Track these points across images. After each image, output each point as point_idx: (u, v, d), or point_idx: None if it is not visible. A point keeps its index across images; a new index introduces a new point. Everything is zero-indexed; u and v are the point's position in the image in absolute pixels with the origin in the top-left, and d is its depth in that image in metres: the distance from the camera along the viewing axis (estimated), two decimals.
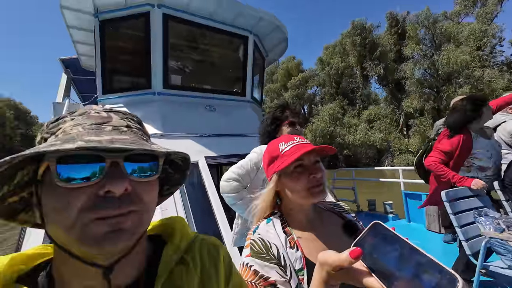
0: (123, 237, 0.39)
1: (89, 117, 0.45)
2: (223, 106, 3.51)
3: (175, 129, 2.80)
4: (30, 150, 0.36)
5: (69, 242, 0.39)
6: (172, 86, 3.19)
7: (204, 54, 3.71)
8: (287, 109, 1.69)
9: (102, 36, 3.14)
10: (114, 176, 0.39)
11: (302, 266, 0.73)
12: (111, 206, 0.39)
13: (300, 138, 0.88)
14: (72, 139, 0.38)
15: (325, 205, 0.95)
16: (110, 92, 3.19)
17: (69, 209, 0.37)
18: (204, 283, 0.50)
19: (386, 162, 25.27)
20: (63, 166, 0.38)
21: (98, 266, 0.41)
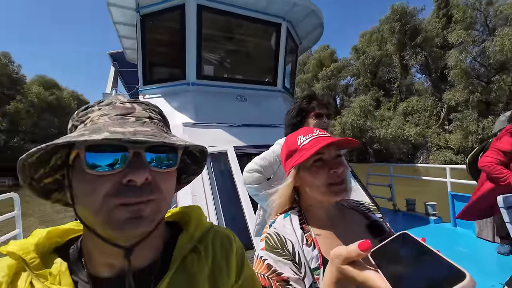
0: (142, 223, 0.42)
1: (115, 108, 0.47)
2: (254, 96, 3.42)
3: (207, 119, 2.80)
4: (62, 139, 0.39)
5: (95, 223, 0.43)
6: (205, 77, 3.18)
7: (236, 44, 3.63)
8: (314, 100, 1.55)
9: (143, 30, 3.23)
10: (136, 166, 0.42)
11: (318, 265, 0.68)
12: (133, 194, 0.41)
13: (320, 131, 0.80)
14: (99, 130, 0.41)
15: (349, 203, 0.87)
16: (150, 83, 3.29)
17: (96, 194, 0.40)
18: (214, 274, 0.51)
19: (421, 158, 23.02)
20: (91, 154, 0.40)
21: (120, 247, 0.44)
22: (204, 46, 3.17)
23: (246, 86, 3.43)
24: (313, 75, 35.85)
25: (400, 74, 27.16)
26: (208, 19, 3.12)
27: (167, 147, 0.46)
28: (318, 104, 1.53)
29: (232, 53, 3.69)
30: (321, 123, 1.49)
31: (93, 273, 0.46)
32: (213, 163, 2.30)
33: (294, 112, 1.56)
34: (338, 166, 0.73)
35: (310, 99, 1.56)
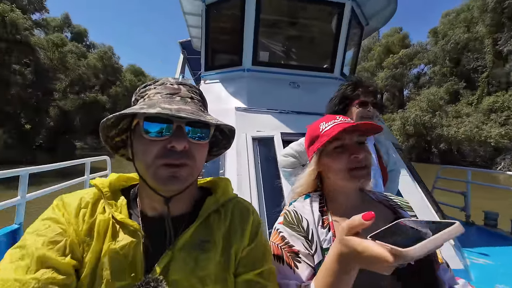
0: (177, 182, 0.53)
1: (166, 87, 0.58)
2: (308, 83, 3.19)
3: (258, 104, 2.75)
4: (128, 110, 0.52)
5: (146, 176, 0.55)
6: (260, 63, 3.10)
7: (294, 28, 3.41)
8: (359, 86, 1.39)
9: (207, 19, 3.30)
10: (177, 136, 0.52)
11: (330, 246, 0.68)
12: (174, 157, 0.52)
13: (344, 117, 0.78)
14: (154, 105, 0.51)
15: (377, 196, 0.83)
16: (210, 69, 3.41)
17: (148, 154, 0.52)
18: (230, 234, 0.60)
19: (501, 165, 18.36)
20: (147, 123, 0.52)
21: (162, 196, 0.56)
22: (262, 32, 3.07)
23: (300, 72, 3.21)
24: (378, 63, 30.92)
25: (492, 62, 21.41)
26: (267, 4, 2.99)
27: (202, 123, 0.55)
28: (364, 91, 1.37)
29: (288, 38, 3.50)
30: (365, 111, 1.34)
31: (143, 211, 0.59)
32: (259, 147, 2.27)
33: (337, 100, 1.43)
34: (359, 151, 0.71)
35: (355, 86, 1.40)
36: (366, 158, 0.72)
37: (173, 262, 0.53)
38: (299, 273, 0.66)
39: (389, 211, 0.78)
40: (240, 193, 1.91)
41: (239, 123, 2.44)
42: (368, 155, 0.73)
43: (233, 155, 2.16)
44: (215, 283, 0.54)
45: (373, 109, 1.36)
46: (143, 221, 0.58)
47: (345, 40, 3.21)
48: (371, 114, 1.36)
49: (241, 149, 2.20)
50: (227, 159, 2.16)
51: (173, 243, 0.54)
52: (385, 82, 28.27)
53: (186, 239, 0.55)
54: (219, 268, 0.55)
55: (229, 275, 0.56)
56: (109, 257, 0.51)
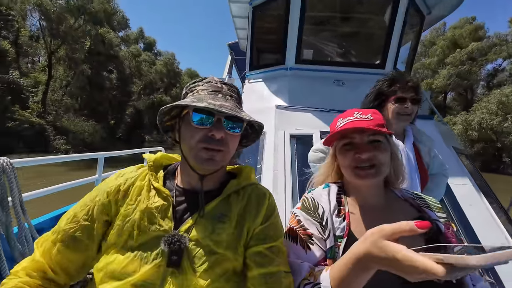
0: (213, 164, 0.64)
1: (211, 85, 0.68)
2: (354, 81, 2.91)
3: (299, 102, 2.63)
4: (181, 102, 0.63)
5: (188, 156, 0.66)
6: (303, 61, 2.96)
7: (341, 23, 3.14)
8: (396, 82, 1.26)
9: (253, 20, 3.32)
10: (217, 127, 0.63)
11: (343, 234, 0.69)
12: (213, 143, 0.62)
13: (363, 113, 0.75)
14: (202, 100, 0.61)
15: (403, 193, 0.79)
16: (255, 68, 3.41)
17: (193, 138, 0.63)
18: (245, 212, 0.67)
19: None
20: (195, 113, 0.62)
21: (197, 173, 0.67)
22: (306, 29, 2.92)
23: (346, 69, 2.95)
24: (440, 60, 25.72)
25: None
26: (313, 0, 2.82)
27: (237, 118, 0.65)
28: (402, 86, 1.23)
29: (334, 34, 3.25)
30: (402, 108, 1.23)
31: (178, 184, 0.70)
32: (297, 145, 2.17)
33: (372, 96, 1.32)
34: (364, 151, 0.70)
35: (393, 82, 1.26)
36: (374, 157, 0.70)
37: (196, 226, 0.62)
38: (311, 254, 0.68)
39: (414, 210, 0.74)
40: (275, 189, 1.88)
41: (278, 121, 2.38)
42: (379, 154, 0.70)
43: (270, 152, 2.11)
44: (226, 248, 0.61)
45: (411, 105, 1.22)
46: (176, 191, 0.69)
47: (400, 32, 2.81)
48: (410, 111, 1.24)
49: (278, 146, 2.14)
50: (265, 155, 2.12)
51: (198, 211, 0.64)
52: (447, 81, 23.66)
53: (209, 210, 0.65)
54: (231, 238, 0.63)
55: (240, 245, 0.64)
56: (147, 212, 0.63)
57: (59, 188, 1.79)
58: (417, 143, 1.34)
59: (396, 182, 0.79)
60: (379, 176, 0.71)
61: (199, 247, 0.60)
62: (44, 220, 1.68)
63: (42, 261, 0.62)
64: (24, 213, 1.38)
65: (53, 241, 0.64)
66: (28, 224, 1.40)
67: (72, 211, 0.67)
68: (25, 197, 1.42)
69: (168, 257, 0.57)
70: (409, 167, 1.18)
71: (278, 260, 0.63)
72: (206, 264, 0.58)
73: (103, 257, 0.60)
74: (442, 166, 1.42)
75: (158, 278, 0.56)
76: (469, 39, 24.37)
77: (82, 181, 2.05)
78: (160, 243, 0.58)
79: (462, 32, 24.88)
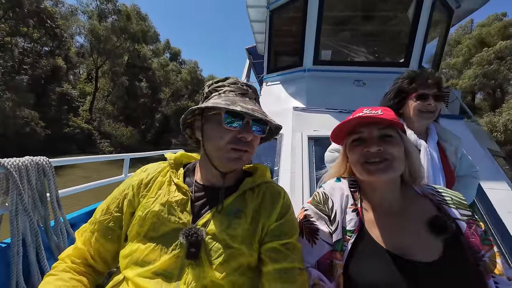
0: (239, 163, 0.67)
1: (237, 88, 0.70)
2: (375, 80, 2.73)
3: (317, 104, 2.53)
4: (215, 104, 0.63)
5: (213, 155, 0.67)
6: (322, 62, 2.85)
7: (361, 21, 2.98)
8: (417, 79, 1.17)
9: (270, 24, 3.29)
10: (247, 130, 0.65)
11: (354, 229, 0.67)
12: (241, 144, 0.64)
13: (373, 109, 0.70)
14: (235, 103, 0.63)
15: (424, 190, 0.73)
16: (272, 71, 3.37)
17: (223, 139, 0.64)
18: (260, 208, 0.68)
19: None
20: (227, 116, 0.63)
21: (219, 171, 0.69)
22: (325, 30, 2.81)
23: (367, 69, 2.79)
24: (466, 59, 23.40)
25: None
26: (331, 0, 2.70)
27: (263, 121, 0.67)
28: (423, 83, 1.14)
29: (354, 33, 3.09)
30: (424, 105, 1.13)
31: (197, 180, 0.73)
32: (315, 147, 2.07)
33: (392, 94, 1.22)
34: (373, 145, 0.66)
35: (413, 78, 1.17)
36: (384, 151, 0.65)
37: (213, 220, 0.64)
38: (317, 248, 0.69)
39: (433, 207, 0.69)
40: (293, 190, 1.81)
41: (295, 122, 2.30)
42: (389, 148, 0.66)
43: (287, 153, 2.04)
44: (241, 243, 0.62)
45: (434, 102, 1.13)
46: (195, 187, 0.71)
47: (426, 27, 2.59)
48: (432, 108, 1.14)
49: (296, 147, 2.06)
50: (282, 156, 2.06)
51: (217, 206, 0.66)
52: (473, 81, 21.46)
53: (225, 205, 0.66)
54: (246, 233, 0.64)
55: (254, 241, 0.64)
56: (167, 205, 0.65)
57: (89, 187, 1.88)
58: (442, 142, 1.23)
59: (413, 183, 0.73)
60: (390, 171, 0.65)
61: (215, 240, 0.61)
62: (77, 215, 1.77)
63: (83, 249, 0.68)
64: (60, 208, 1.46)
65: (91, 230, 0.70)
66: (63, 218, 1.47)
67: (105, 204, 0.73)
68: (61, 194, 1.50)
69: (187, 249, 0.59)
70: (432, 168, 1.10)
71: (292, 257, 0.63)
72: (222, 258, 0.59)
73: (128, 245, 0.65)
74: (472, 168, 1.29)
75: (176, 268, 0.59)
76: (498, 37, 21.90)
77: (109, 180, 2.14)
78: (178, 235, 0.60)
79: (490, 30, 22.48)
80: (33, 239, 1.24)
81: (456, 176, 1.22)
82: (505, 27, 22.13)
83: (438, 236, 0.62)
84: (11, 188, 1.17)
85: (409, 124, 1.20)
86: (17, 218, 1.18)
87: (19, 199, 1.19)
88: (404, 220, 0.67)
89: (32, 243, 1.23)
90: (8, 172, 1.15)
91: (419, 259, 0.60)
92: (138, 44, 26.83)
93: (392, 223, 0.67)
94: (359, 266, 0.63)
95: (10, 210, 1.17)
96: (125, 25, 24.67)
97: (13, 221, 1.17)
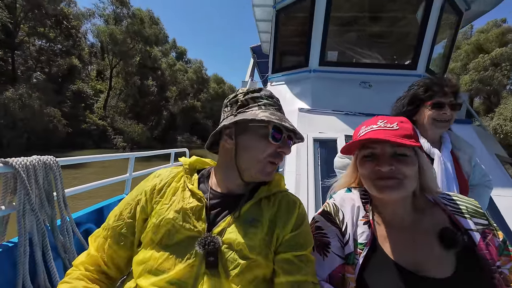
0: (271, 176, 0.69)
1: (274, 102, 0.70)
2: (383, 83, 2.65)
3: (323, 105, 2.46)
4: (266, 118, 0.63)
5: (248, 166, 0.66)
6: (328, 63, 2.78)
7: (368, 23, 2.89)
8: (434, 85, 1.10)
9: (276, 23, 3.21)
10: (285, 144, 0.68)
11: (366, 242, 0.64)
12: (278, 158, 0.67)
13: (388, 121, 0.65)
14: (282, 119, 0.65)
15: (436, 198, 0.69)
16: (277, 71, 3.30)
17: (265, 152, 0.65)
18: (275, 218, 0.65)
19: None
20: (274, 131, 0.65)
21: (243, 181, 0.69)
22: (331, 30, 2.73)
23: (373, 71, 2.71)
24: (464, 64, 23.43)
25: None
26: (338, 1, 2.61)
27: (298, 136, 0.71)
28: (439, 90, 1.07)
29: (361, 34, 3.00)
30: (439, 114, 1.08)
31: (212, 187, 0.70)
32: (321, 149, 2.00)
33: (406, 100, 1.16)
34: (385, 164, 0.62)
35: (430, 86, 1.10)
36: (397, 171, 0.61)
37: (229, 228, 0.61)
38: (327, 262, 0.67)
39: (446, 217, 0.65)
40: (298, 193, 1.75)
41: (300, 124, 2.23)
42: (402, 167, 0.61)
43: (292, 155, 1.98)
44: (258, 254, 0.59)
45: (450, 111, 1.07)
46: (211, 194, 0.68)
47: (435, 30, 2.50)
48: (448, 117, 1.09)
49: (301, 149, 2.00)
50: (287, 158, 1.99)
51: (234, 212, 0.64)
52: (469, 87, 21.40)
53: (241, 213, 0.64)
54: (263, 243, 0.61)
55: (270, 251, 0.62)
56: (182, 212, 0.63)
57: (94, 186, 1.84)
58: (455, 151, 1.17)
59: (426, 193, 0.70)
60: (401, 190, 0.62)
61: (231, 250, 0.59)
62: (82, 215, 1.72)
63: (96, 255, 0.67)
64: (66, 207, 1.42)
65: (104, 236, 0.69)
66: (69, 218, 1.44)
67: (118, 209, 0.71)
68: (67, 193, 1.46)
69: (205, 259, 0.57)
70: (446, 177, 1.05)
71: (306, 269, 0.61)
72: (238, 269, 0.57)
73: (141, 252, 0.63)
74: (485, 177, 1.24)
75: (191, 277, 0.57)
76: (496, 43, 21.88)
77: (114, 179, 2.10)
78: (194, 244, 0.58)
79: (488, 36, 22.43)
80: (39, 238, 1.21)
81: (469, 185, 1.17)
82: (503, 33, 22.12)
83: (449, 250, 0.59)
84: (18, 187, 1.14)
85: (422, 132, 1.14)
86: (25, 218, 1.15)
87: (27, 199, 1.16)
88: (417, 234, 0.64)
89: (38, 242, 1.20)
90: (16, 172, 1.12)
91: (432, 275, 0.57)
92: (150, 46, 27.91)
93: (405, 238, 0.64)
94: (371, 281, 0.60)
95: (17, 210, 1.14)
96: (139, 29, 26.00)
97: (20, 220, 1.14)
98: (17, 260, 1.11)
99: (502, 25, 22.74)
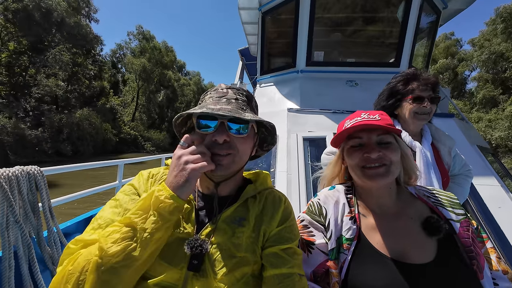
0: (221, 169, 0.62)
1: (217, 92, 0.68)
2: (367, 80, 2.77)
3: (311, 105, 2.54)
4: (188, 111, 0.63)
5: None
6: (314, 63, 2.87)
7: (352, 22, 3.01)
8: (413, 80, 1.15)
9: (263, 26, 3.28)
10: (219, 131, 0.61)
11: (353, 237, 0.68)
12: (217, 148, 0.61)
13: (370, 114, 0.72)
14: (203, 106, 0.63)
15: (419, 191, 0.75)
16: (265, 73, 3.37)
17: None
18: (262, 215, 0.67)
19: None
20: (199, 120, 0.62)
21: (213, 181, 0.68)
22: (316, 31, 2.83)
23: (359, 69, 2.82)
24: None
25: None
26: (322, 2, 2.73)
27: (242, 120, 0.62)
28: (419, 84, 1.13)
29: (346, 33, 3.12)
30: (420, 107, 1.11)
31: (200, 189, 0.71)
32: (310, 148, 2.07)
33: (385, 95, 1.22)
34: (373, 150, 0.67)
35: (409, 79, 1.16)
36: (384, 156, 0.67)
37: (216, 230, 0.63)
38: (311, 258, 0.70)
39: (428, 209, 0.71)
40: (290, 192, 1.81)
41: (290, 124, 2.30)
42: (389, 154, 0.67)
43: (283, 155, 2.04)
44: (246, 251, 0.61)
45: (430, 104, 1.13)
46: (199, 196, 0.69)
47: (415, 28, 2.64)
48: (428, 110, 1.13)
49: (291, 149, 2.06)
50: (278, 158, 2.06)
51: (218, 216, 0.65)
52: None
53: (227, 215, 0.65)
54: (250, 241, 0.63)
55: (257, 247, 0.63)
56: None
57: (83, 194, 1.83)
58: (436, 143, 1.24)
59: (408, 181, 0.76)
60: (389, 176, 0.67)
61: (219, 250, 0.60)
62: (70, 225, 1.71)
63: None
64: (52, 217, 1.41)
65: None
66: (56, 228, 1.43)
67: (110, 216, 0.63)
68: (53, 203, 1.46)
69: (189, 261, 0.58)
70: (427, 169, 1.11)
71: (293, 262, 0.62)
72: (226, 268, 0.58)
73: None
74: (465, 167, 1.31)
75: (180, 280, 0.57)
76: (444, 55, 25.83)
77: (103, 187, 2.09)
78: (183, 245, 0.59)
79: (438, 49, 26.36)
80: (25, 251, 1.19)
81: (450, 175, 1.24)
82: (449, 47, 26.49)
83: (432, 237, 0.63)
84: (0, 199, 1.12)
85: (404, 125, 1.20)
86: (8, 231, 1.13)
87: (10, 211, 1.14)
88: (401, 223, 0.68)
89: (24, 255, 1.18)
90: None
91: (415, 261, 0.61)
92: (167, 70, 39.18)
93: (389, 227, 0.68)
94: (359, 273, 0.63)
95: (0, 223, 1.11)
96: (160, 58, 37.57)
97: (4, 233, 1.12)
98: (2, 274, 1.09)
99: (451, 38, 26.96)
